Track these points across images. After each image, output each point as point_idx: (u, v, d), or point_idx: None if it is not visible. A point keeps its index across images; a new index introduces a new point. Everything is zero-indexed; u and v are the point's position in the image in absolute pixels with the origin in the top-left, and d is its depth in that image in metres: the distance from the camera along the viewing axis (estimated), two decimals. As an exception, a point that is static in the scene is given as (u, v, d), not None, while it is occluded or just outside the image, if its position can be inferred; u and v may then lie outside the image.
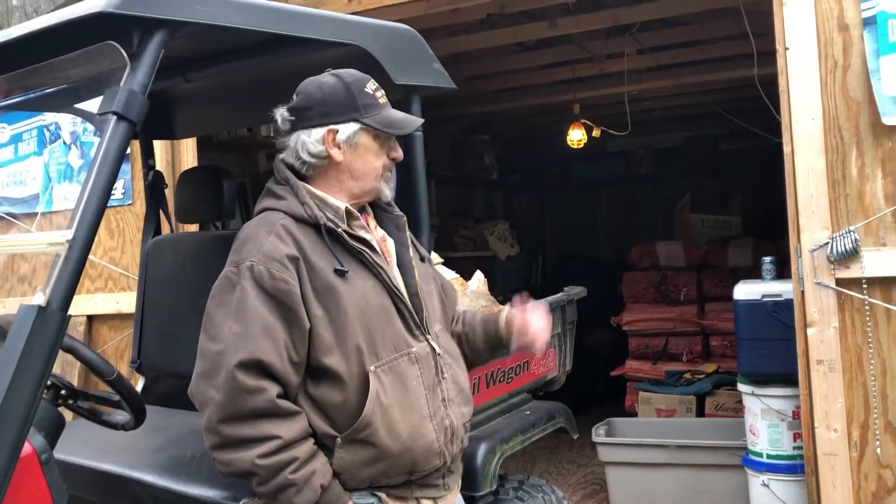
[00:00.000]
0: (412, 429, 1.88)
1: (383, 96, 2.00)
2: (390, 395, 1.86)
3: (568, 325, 3.40)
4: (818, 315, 3.08)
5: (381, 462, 1.86)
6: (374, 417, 1.83)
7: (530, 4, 4.67)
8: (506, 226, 8.53)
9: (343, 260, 1.88)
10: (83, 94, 2.17)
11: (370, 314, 1.88)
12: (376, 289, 1.91)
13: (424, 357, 1.95)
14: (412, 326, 1.95)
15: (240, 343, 1.76)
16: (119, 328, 4.32)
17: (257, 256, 1.82)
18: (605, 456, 4.64)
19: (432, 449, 1.92)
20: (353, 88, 1.97)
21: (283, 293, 1.80)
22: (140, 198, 4.16)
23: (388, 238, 2.07)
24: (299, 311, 1.81)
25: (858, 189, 3.02)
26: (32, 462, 1.60)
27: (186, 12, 1.78)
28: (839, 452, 3.04)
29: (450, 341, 2.13)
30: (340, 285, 1.85)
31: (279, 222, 1.89)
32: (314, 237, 1.89)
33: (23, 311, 1.53)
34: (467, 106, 7.33)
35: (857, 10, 2.99)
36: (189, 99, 2.85)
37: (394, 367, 1.89)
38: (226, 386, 1.74)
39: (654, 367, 5.98)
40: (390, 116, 1.99)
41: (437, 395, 1.96)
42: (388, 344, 1.89)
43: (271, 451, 1.75)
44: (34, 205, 4.52)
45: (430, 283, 2.13)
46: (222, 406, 1.75)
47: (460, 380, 2.09)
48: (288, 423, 1.78)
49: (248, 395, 1.74)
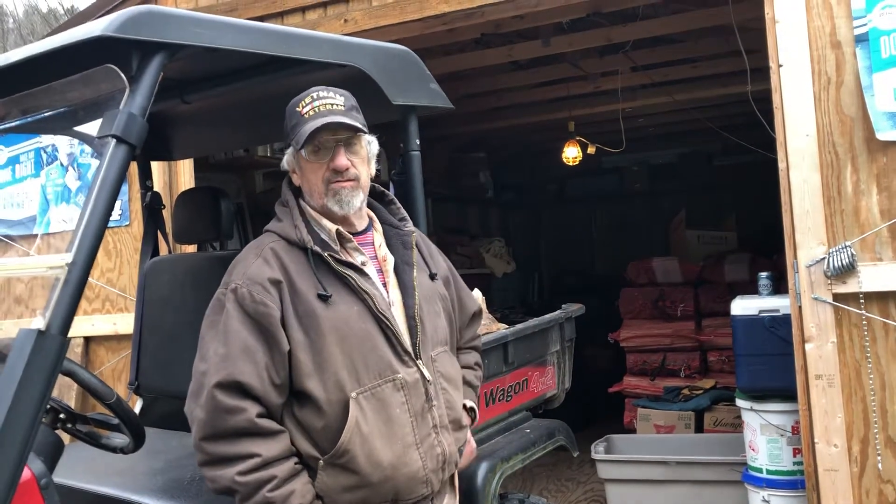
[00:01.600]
0: (394, 458, 1.85)
1: (314, 108, 1.92)
2: (371, 423, 1.84)
3: (566, 342, 3.40)
4: (816, 330, 3.08)
5: (362, 489, 1.84)
6: (353, 445, 1.81)
7: (524, 24, 4.70)
8: (501, 243, 8.54)
9: (329, 284, 1.88)
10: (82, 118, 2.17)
11: (352, 340, 1.86)
12: (361, 314, 1.89)
13: (412, 384, 1.91)
14: (400, 352, 1.91)
15: (221, 364, 1.80)
16: (116, 349, 4.31)
17: (241, 279, 1.86)
18: (604, 473, 4.62)
19: (417, 478, 1.89)
20: (288, 112, 1.99)
21: (262, 316, 1.82)
22: (137, 219, 4.16)
23: (389, 257, 2.04)
24: (278, 335, 1.82)
25: (854, 204, 3.04)
26: (32, 488, 1.59)
27: (185, 35, 1.79)
28: (840, 468, 3.04)
29: (449, 365, 2.09)
30: (321, 310, 1.85)
31: (269, 245, 1.92)
32: (302, 260, 1.90)
33: (22, 336, 1.52)
34: (462, 124, 7.36)
35: (850, 27, 3.02)
36: (187, 120, 2.86)
37: (377, 393, 1.86)
38: (207, 405, 1.78)
39: (652, 383, 5.97)
40: (304, 129, 1.89)
41: (426, 422, 1.93)
42: (371, 370, 1.87)
43: (250, 468, 1.76)
44: (31, 227, 4.52)
45: (435, 302, 2.08)
46: (204, 424, 1.78)
47: (456, 405, 2.05)
48: (268, 442, 1.79)
49: (227, 415, 1.77)
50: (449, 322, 2.14)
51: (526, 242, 10.13)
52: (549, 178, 9.96)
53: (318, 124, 1.88)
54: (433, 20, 3.92)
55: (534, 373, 3.19)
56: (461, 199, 8.72)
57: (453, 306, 2.19)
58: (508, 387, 3.02)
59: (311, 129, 1.88)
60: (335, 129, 1.92)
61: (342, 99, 1.96)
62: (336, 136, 1.93)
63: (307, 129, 1.89)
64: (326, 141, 1.93)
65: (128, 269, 4.29)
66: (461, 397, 2.11)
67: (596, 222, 10.32)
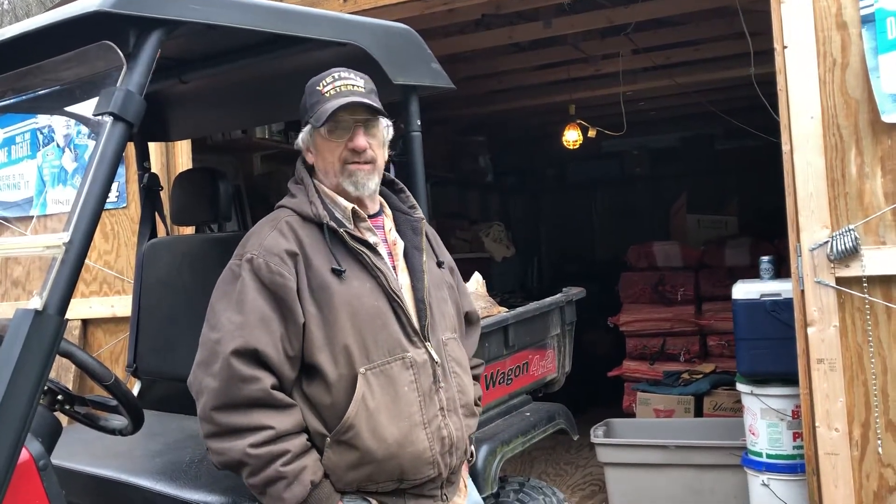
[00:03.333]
0: (400, 435, 1.84)
1: (335, 87, 1.93)
2: (378, 399, 1.83)
3: (567, 326, 3.39)
4: (818, 314, 3.07)
5: (366, 466, 1.84)
6: (358, 420, 1.81)
7: (525, 5, 4.66)
8: (501, 227, 8.52)
9: (342, 260, 1.88)
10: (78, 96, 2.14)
11: (363, 316, 1.86)
12: (373, 291, 1.89)
13: (421, 364, 1.91)
14: (409, 332, 1.92)
15: (237, 332, 1.78)
16: (114, 332, 4.29)
17: (258, 250, 1.85)
18: (603, 457, 4.63)
19: (423, 458, 1.88)
20: (307, 90, 1.98)
21: (279, 287, 1.81)
22: (134, 200, 4.13)
23: (399, 241, 2.04)
24: (294, 306, 1.81)
25: (858, 187, 3.01)
26: (30, 469, 1.58)
27: (183, 11, 1.76)
28: (840, 452, 3.04)
29: (460, 351, 2.09)
30: (335, 285, 1.85)
31: (284, 219, 1.92)
32: (317, 236, 1.90)
33: (19, 316, 1.50)
34: (462, 107, 7.32)
35: (856, 7, 2.99)
36: (185, 100, 2.83)
37: (385, 370, 1.86)
38: (222, 373, 1.76)
39: (651, 367, 5.97)
40: (325, 108, 1.90)
41: (433, 403, 1.92)
42: (381, 347, 1.87)
43: (263, 441, 1.75)
44: (28, 208, 4.49)
45: (443, 289, 2.09)
46: (217, 393, 1.76)
47: (468, 391, 2.06)
48: (281, 415, 1.78)
49: (243, 384, 1.75)
50: (457, 311, 2.15)
51: (526, 227, 10.11)
52: (550, 162, 9.92)
53: (340, 103, 1.89)
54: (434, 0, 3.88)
55: (534, 356, 3.18)
56: (461, 183, 8.69)
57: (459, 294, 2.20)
58: (509, 370, 3.01)
59: (333, 107, 1.88)
60: (355, 109, 1.92)
61: (362, 81, 1.97)
62: (355, 117, 1.93)
63: (329, 108, 1.89)
64: (346, 121, 1.93)
65: (125, 252, 4.27)
66: (472, 383, 2.11)
67: (596, 207, 10.29)
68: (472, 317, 2.30)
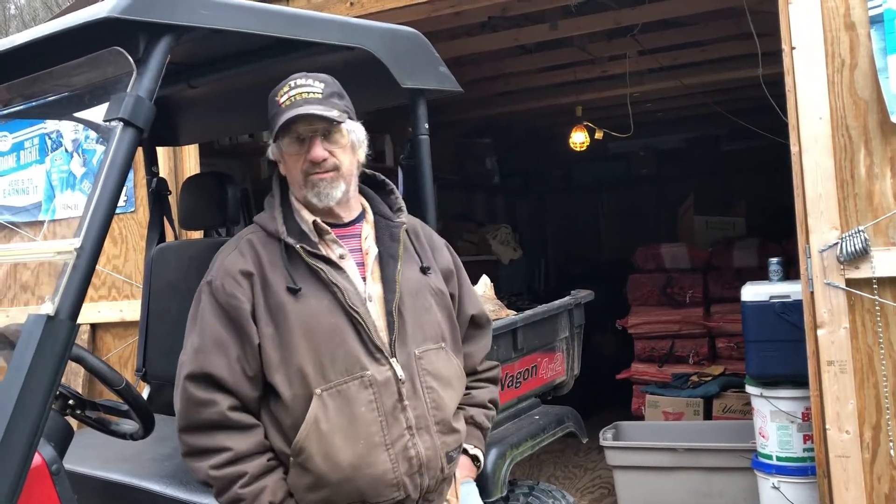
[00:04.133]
0: (355, 458, 1.78)
1: (290, 98, 1.86)
2: (333, 421, 1.77)
3: (575, 329, 3.38)
4: (828, 316, 3.05)
5: (322, 489, 1.79)
6: (309, 443, 1.77)
7: (531, 7, 4.66)
8: (508, 229, 8.51)
9: (300, 277, 1.84)
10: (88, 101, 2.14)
11: (319, 335, 1.80)
12: (330, 308, 1.82)
13: (382, 382, 1.82)
14: (371, 349, 1.83)
15: (194, 356, 1.81)
16: (123, 336, 4.31)
17: (217, 272, 1.87)
18: (612, 460, 4.61)
19: (384, 480, 1.80)
20: (269, 101, 1.92)
21: (233, 308, 1.82)
22: (143, 205, 4.14)
23: (372, 249, 1.95)
24: (248, 328, 1.81)
25: (867, 188, 3.00)
26: (43, 473, 1.58)
27: (192, 17, 1.76)
28: (851, 454, 3.02)
29: (441, 363, 1.95)
30: (290, 304, 1.81)
31: (247, 237, 1.92)
32: (276, 252, 1.87)
33: (31, 321, 1.51)
34: (468, 110, 7.31)
35: (864, 8, 2.98)
36: (193, 105, 2.83)
37: (342, 391, 1.79)
38: (181, 396, 1.81)
39: (660, 369, 5.95)
40: (282, 117, 1.84)
41: (398, 422, 1.82)
42: (338, 366, 1.80)
43: (222, 462, 1.76)
44: (36, 213, 4.50)
45: (424, 296, 1.96)
46: (180, 416, 1.81)
47: (445, 406, 1.92)
48: (240, 437, 1.79)
49: (200, 407, 1.78)
50: (448, 318, 2.03)
51: (532, 229, 10.10)
52: (556, 163, 9.91)
53: (290, 115, 1.83)
54: (440, 3, 3.88)
55: (543, 359, 3.17)
56: (467, 186, 8.68)
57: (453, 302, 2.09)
58: (518, 373, 3.01)
59: (282, 120, 1.83)
60: (311, 118, 1.84)
61: (321, 86, 1.89)
62: (312, 127, 1.86)
63: (280, 120, 1.84)
64: (304, 131, 1.86)
65: (133, 256, 4.28)
66: (456, 398, 1.99)
67: (603, 208, 10.28)
68: (481, 319, 2.19)
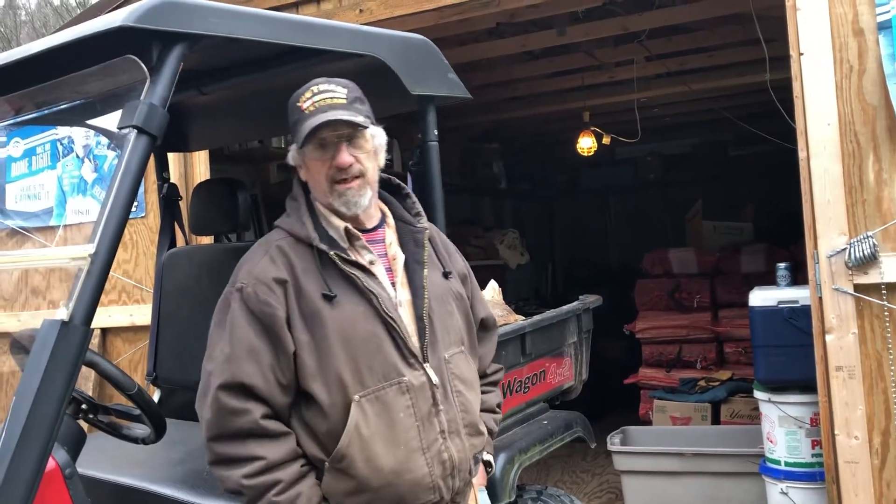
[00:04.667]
0: (396, 463, 1.80)
1: (314, 103, 1.86)
2: (373, 427, 1.80)
3: (584, 334, 3.39)
4: (836, 321, 3.05)
5: (363, 494, 1.81)
6: (352, 449, 1.78)
7: (539, 13, 4.67)
8: (515, 234, 8.51)
9: (335, 283, 1.84)
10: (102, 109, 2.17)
11: (356, 341, 1.81)
12: (366, 314, 1.84)
13: (418, 387, 1.85)
14: (406, 354, 1.86)
15: (225, 365, 1.79)
16: (133, 341, 4.33)
17: (247, 278, 1.85)
18: (620, 465, 4.61)
19: (422, 484, 1.83)
20: (289, 107, 1.92)
21: (267, 316, 1.80)
22: (153, 210, 4.17)
23: (399, 255, 1.98)
24: (283, 335, 1.80)
25: (876, 194, 3.00)
26: (56, 477, 1.60)
27: (205, 25, 1.78)
28: (860, 460, 3.01)
29: (465, 366, 2.02)
30: (326, 310, 1.81)
31: (276, 243, 1.90)
32: (310, 258, 1.86)
33: (46, 326, 1.52)
34: (476, 115, 7.33)
35: (872, 14, 2.98)
36: (204, 111, 2.85)
37: (380, 396, 1.81)
38: (212, 406, 1.78)
39: (667, 374, 5.95)
40: (304, 126, 1.84)
41: (433, 427, 1.86)
42: (375, 372, 1.82)
43: (255, 471, 1.75)
44: (47, 219, 4.54)
45: (448, 301, 2.01)
46: (210, 425, 1.79)
47: (472, 409, 1.99)
48: (274, 445, 1.78)
49: (233, 416, 1.77)
50: (466, 321, 2.08)
51: (540, 233, 10.10)
52: (563, 168, 9.92)
53: (317, 122, 1.83)
54: (449, 9, 3.90)
55: (551, 364, 3.18)
56: (474, 191, 8.69)
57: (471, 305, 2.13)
58: (526, 378, 3.01)
59: (310, 126, 1.83)
60: (336, 124, 1.85)
61: (344, 91, 1.89)
62: (338, 132, 1.87)
63: (307, 127, 1.84)
64: (329, 137, 1.86)
65: (144, 261, 4.31)
66: (478, 401, 2.05)
67: (610, 213, 10.28)
68: (488, 322, 2.22)
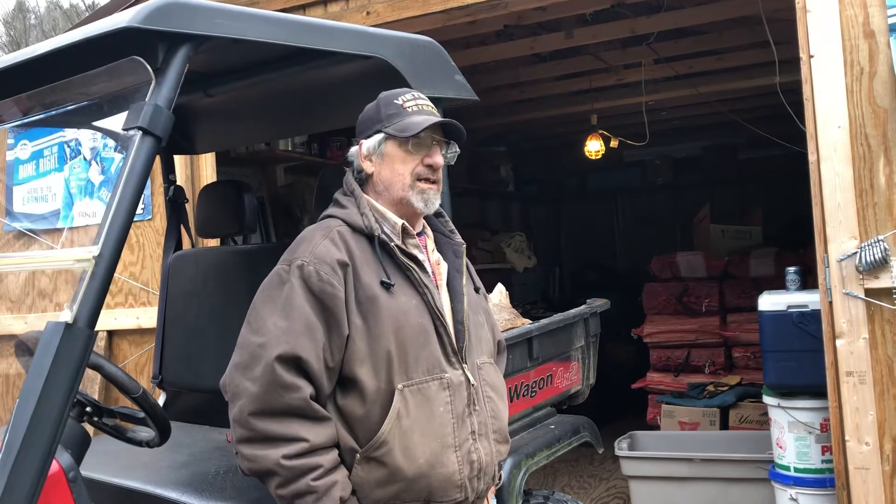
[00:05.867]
0: (431, 455, 1.84)
1: (417, 105, 1.98)
2: (413, 417, 1.83)
3: (591, 338, 3.37)
4: (847, 326, 3.02)
5: (395, 484, 1.82)
6: (392, 437, 1.80)
7: (546, 15, 4.66)
8: (522, 237, 8.49)
9: (391, 274, 1.88)
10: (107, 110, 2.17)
11: (407, 332, 1.86)
12: (418, 308, 1.89)
13: (457, 385, 1.91)
14: (449, 352, 1.92)
15: (283, 337, 1.76)
16: (139, 343, 4.33)
17: (309, 257, 1.84)
18: (628, 470, 4.58)
19: (452, 480, 1.87)
20: (381, 102, 2.00)
21: (328, 296, 1.80)
22: (160, 213, 4.17)
23: (442, 262, 2.06)
24: (340, 317, 1.81)
25: (887, 197, 2.97)
26: (60, 480, 1.59)
27: (211, 26, 1.77)
28: (871, 466, 2.98)
29: (495, 376, 2.09)
30: (383, 298, 1.85)
31: (336, 228, 1.91)
32: (367, 248, 1.90)
33: (50, 329, 1.52)
34: (483, 117, 7.32)
35: (884, 15, 2.96)
36: (210, 114, 2.85)
37: (423, 389, 1.86)
38: (263, 378, 1.74)
39: (675, 379, 5.91)
40: (411, 121, 1.94)
41: (466, 426, 1.91)
42: (420, 365, 1.86)
43: (297, 453, 1.73)
44: (55, 221, 4.54)
45: (479, 313, 2.10)
46: (256, 398, 1.74)
47: (501, 416, 2.05)
48: (317, 428, 1.77)
49: (284, 391, 1.74)
50: (493, 336, 2.16)
51: (547, 237, 10.09)
52: (571, 171, 9.89)
53: (434, 119, 1.94)
54: (457, 11, 3.89)
55: (558, 368, 3.16)
56: (482, 193, 8.68)
57: None
58: (533, 382, 3.00)
59: (427, 121, 1.92)
60: (435, 129, 1.97)
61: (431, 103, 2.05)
62: (434, 136, 1.98)
63: (420, 121, 1.92)
64: (426, 138, 1.95)
65: (150, 263, 4.31)
66: (507, 411, 2.10)
67: (618, 216, 10.25)
68: (502, 344, 2.32)
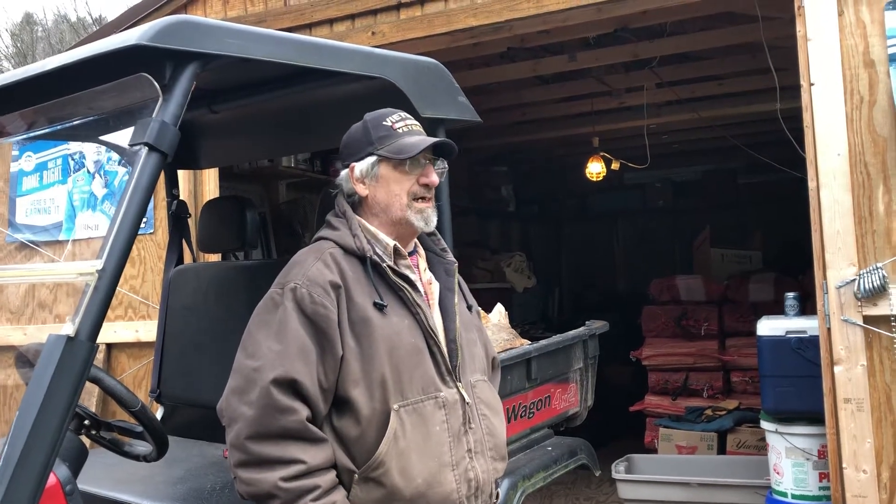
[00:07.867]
0: (428, 475, 1.84)
1: (406, 125, 1.99)
2: (410, 437, 1.83)
3: (590, 359, 3.37)
4: (845, 353, 3.03)
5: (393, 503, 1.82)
6: (389, 457, 1.80)
7: (550, 38, 4.70)
8: (522, 257, 8.49)
9: (383, 295, 1.89)
10: (114, 125, 2.19)
11: (401, 352, 1.86)
12: (411, 328, 1.90)
13: (452, 404, 1.91)
14: (443, 371, 1.92)
15: (277, 361, 1.77)
16: (138, 357, 4.33)
17: (301, 280, 1.85)
18: (625, 493, 4.57)
19: (450, 499, 1.86)
20: (370, 125, 2.00)
21: (321, 317, 1.81)
22: (162, 226, 4.18)
23: (434, 281, 2.06)
24: (334, 338, 1.81)
25: (886, 225, 2.99)
26: (57, 493, 1.59)
27: (218, 45, 1.79)
28: (868, 494, 2.98)
29: (489, 393, 2.09)
30: (376, 319, 1.85)
31: (328, 250, 1.92)
32: (359, 269, 1.91)
33: (51, 341, 1.52)
34: (485, 138, 7.36)
35: (883, 45, 2.99)
36: (214, 129, 2.87)
37: (418, 408, 1.86)
38: (259, 402, 1.75)
39: (674, 402, 5.90)
40: (404, 143, 1.94)
41: (462, 444, 1.91)
42: (415, 384, 1.87)
43: (294, 475, 1.73)
44: (57, 233, 4.56)
45: (472, 331, 2.10)
46: (252, 422, 1.75)
47: (497, 433, 2.04)
48: (314, 449, 1.77)
49: (280, 414, 1.74)
50: (486, 353, 2.16)
51: (547, 257, 10.09)
52: (572, 193, 9.93)
53: (430, 141, 1.94)
54: (461, 34, 3.93)
55: (556, 389, 3.16)
56: (482, 213, 8.70)
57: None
58: (531, 403, 2.99)
59: (424, 143, 1.93)
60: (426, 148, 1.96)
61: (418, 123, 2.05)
62: (429, 156, 1.99)
63: (417, 142, 1.93)
64: (420, 157, 1.96)
65: (151, 277, 4.32)
66: (503, 428, 2.10)
67: (618, 238, 10.27)
68: (496, 361, 2.31)
